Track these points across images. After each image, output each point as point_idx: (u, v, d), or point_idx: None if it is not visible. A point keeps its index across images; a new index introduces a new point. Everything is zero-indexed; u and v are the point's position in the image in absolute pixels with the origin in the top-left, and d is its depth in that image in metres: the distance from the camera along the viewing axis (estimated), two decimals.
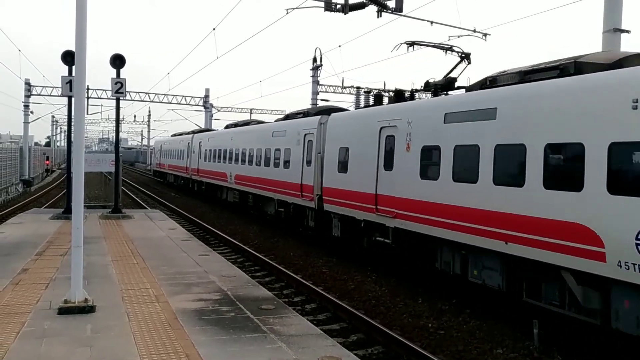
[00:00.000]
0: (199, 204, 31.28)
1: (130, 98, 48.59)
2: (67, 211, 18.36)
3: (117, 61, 19.42)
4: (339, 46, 42.65)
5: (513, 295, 9.93)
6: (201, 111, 53.72)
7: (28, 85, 45.82)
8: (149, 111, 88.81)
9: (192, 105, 52.52)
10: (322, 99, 37.18)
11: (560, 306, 8.93)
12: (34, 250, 12.60)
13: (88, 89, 42.28)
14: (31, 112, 47.99)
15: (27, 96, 46.05)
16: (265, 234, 20.48)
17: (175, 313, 8.00)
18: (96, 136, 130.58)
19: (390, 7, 16.02)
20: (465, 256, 10.90)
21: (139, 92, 50.50)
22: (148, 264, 11.41)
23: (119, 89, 19.38)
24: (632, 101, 7.66)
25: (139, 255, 12.43)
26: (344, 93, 40.52)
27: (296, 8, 17.32)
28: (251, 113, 61.35)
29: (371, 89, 15.13)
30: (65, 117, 43.16)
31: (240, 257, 16.43)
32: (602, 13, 14.20)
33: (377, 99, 15.82)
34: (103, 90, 45.76)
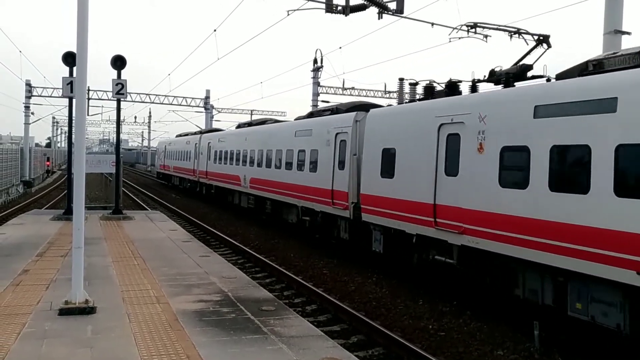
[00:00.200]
0: (200, 206, 31.29)
1: (130, 99, 48.74)
2: (68, 212, 18.36)
3: (118, 62, 19.44)
4: (340, 48, 42.72)
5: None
6: (202, 112, 53.83)
7: (29, 86, 45.87)
8: (150, 112, 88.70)
9: (193, 106, 52.63)
10: (323, 100, 37.24)
11: None
12: (35, 251, 12.60)
13: (89, 90, 42.31)
14: (32, 113, 48.10)
15: (28, 97, 46.12)
16: (265, 236, 20.49)
17: (175, 314, 8.00)
18: (97, 137, 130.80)
19: (391, 9, 16.02)
20: (562, 284, 8.88)
21: (140, 94, 50.65)
22: (149, 265, 11.41)
23: (120, 90, 19.40)
24: None
25: (140, 256, 12.43)
26: (345, 94, 40.58)
27: (297, 9, 17.32)
28: (252, 114, 61.46)
29: (417, 81, 13.56)
30: (65, 118, 43.10)
31: (240, 259, 16.43)
32: (603, 15, 14.22)
33: (428, 92, 13.45)
34: (104, 91, 45.86)
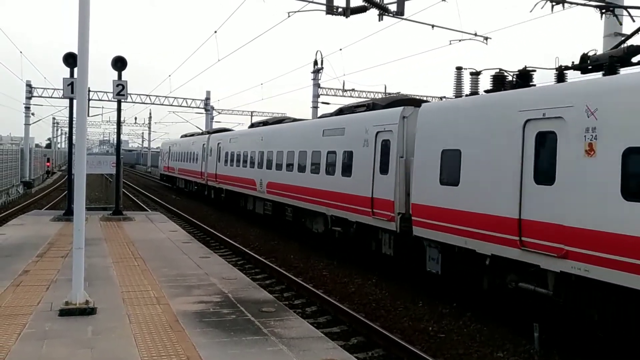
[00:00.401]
0: (200, 207, 31.30)
1: (131, 100, 48.75)
2: (68, 213, 18.38)
3: (119, 63, 19.47)
4: (340, 49, 42.62)
5: None
6: (202, 113, 53.91)
7: (29, 86, 45.91)
8: (150, 113, 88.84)
9: (193, 107, 52.67)
10: (323, 102, 37.30)
11: None
12: (35, 251, 12.60)
13: (89, 91, 42.27)
14: (32, 114, 48.12)
15: (28, 98, 46.17)
16: (265, 237, 20.50)
17: (176, 315, 8.00)
18: (97, 138, 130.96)
19: (391, 11, 16.05)
20: None
21: (140, 94, 50.66)
22: (149, 266, 11.42)
23: (121, 92, 19.42)
24: None
25: (140, 257, 12.43)
26: (345, 96, 40.64)
27: (298, 11, 17.35)
28: (252, 116, 61.57)
29: (479, 70, 11.51)
30: (66, 119, 43.14)
31: (240, 260, 16.44)
32: (603, 18, 14.23)
33: (498, 82, 11.01)
34: (104, 92, 45.90)
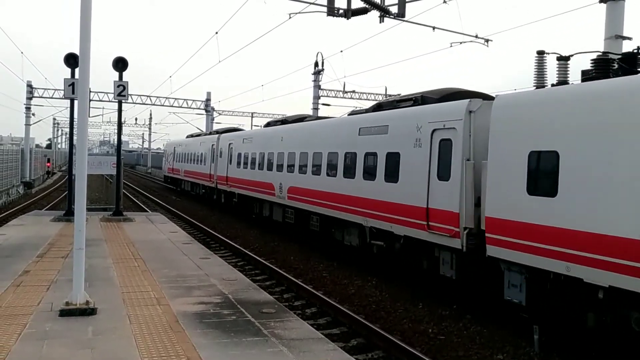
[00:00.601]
0: (200, 208, 31.32)
1: (131, 101, 48.75)
2: (68, 213, 18.39)
3: (120, 64, 19.45)
4: (341, 51, 42.79)
5: None
6: (202, 115, 53.92)
7: (30, 87, 45.92)
8: (150, 114, 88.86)
9: (194, 108, 52.68)
10: (324, 104, 37.35)
11: None
12: (35, 252, 12.61)
13: (90, 92, 42.27)
14: (33, 114, 48.12)
15: (29, 98, 46.16)
16: (265, 238, 20.50)
17: (176, 316, 8.01)
18: (97, 139, 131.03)
19: (392, 13, 16.09)
20: None
21: (141, 95, 50.65)
22: (149, 267, 11.42)
23: (121, 92, 19.42)
24: None
25: (140, 257, 12.44)
26: (345, 97, 40.71)
27: (299, 13, 17.39)
28: (252, 117, 61.62)
29: (567, 55, 9.45)
30: (66, 120, 43.15)
31: (241, 261, 16.44)
32: (604, 20, 14.25)
33: (602, 67, 8.90)
34: (104, 92, 45.93)
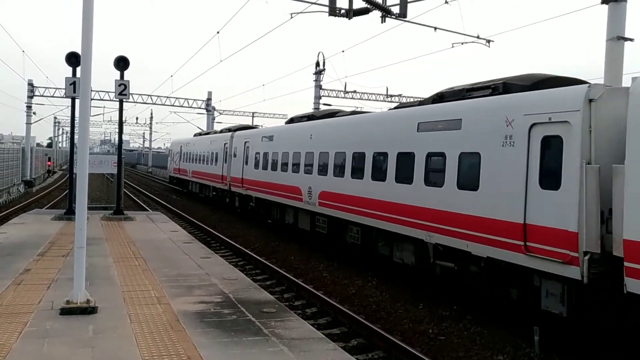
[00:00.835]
0: (201, 208, 31.31)
1: (132, 100, 48.76)
2: (69, 212, 18.41)
3: (121, 63, 19.47)
4: (343, 51, 42.61)
5: None
6: (203, 114, 53.90)
7: (31, 85, 45.94)
8: (151, 113, 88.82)
9: (195, 108, 52.68)
10: (325, 104, 37.33)
11: None
12: (36, 250, 12.61)
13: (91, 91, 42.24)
14: (34, 113, 48.12)
15: (30, 97, 46.17)
16: (266, 238, 20.49)
17: (176, 315, 8.01)
18: (98, 138, 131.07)
19: (394, 13, 16.10)
20: None
21: (142, 95, 50.67)
22: (150, 266, 11.42)
23: (123, 91, 19.43)
24: None
25: (141, 257, 12.44)
26: (346, 98, 40.73)
27: (300, 12, 17.39)
28: (253, 117, 61.58)
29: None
30: (67, 119, 43.15)
31: (241, 261, 16.44)
32: (606, 21, 14.24)
33: None
34: (105, 91, 45.95)
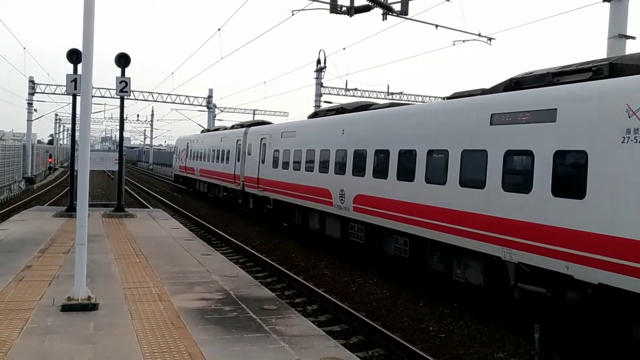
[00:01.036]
0: (202, 205, 31.32)
1: (133, 97, 48.75)
2: (70, 209, 18.42)
3: (122, 60, 19.43)
4: (344, 49, 42.53)
5: None
6: (204, 111, 53.89)
7: (32, 83, 45.94)
8: (152, 110, 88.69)
9: (196, 105, 52.69)
10: (326, 101, 37.30)
11: None
12: (37, 247, 12.62)
13: (92, 88, 42.21)
14: (35, 110, 48.16)
15: (31, 94, 46.18)
16: (267, 236, 20.51)
17: (177, 312, 8.02)
18: (99, 135, 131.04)
19: (395, 10, 16.10)
20: None
21: (143, 92, 50.66)
22: (151, 263, 11.43)
23: (124, 88, 19.41)
24: None
25: (142, 254, 12.45)
26: (347, 95, 40.68)
27: (301, 10, 17.39)
28: (254, 114, 61.53)
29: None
30: (68, 116, 43.20)
31: (242, 258, 16.46)
32: (608, 19, 14.24)
33: None
34: (106, 89, 45.95)
